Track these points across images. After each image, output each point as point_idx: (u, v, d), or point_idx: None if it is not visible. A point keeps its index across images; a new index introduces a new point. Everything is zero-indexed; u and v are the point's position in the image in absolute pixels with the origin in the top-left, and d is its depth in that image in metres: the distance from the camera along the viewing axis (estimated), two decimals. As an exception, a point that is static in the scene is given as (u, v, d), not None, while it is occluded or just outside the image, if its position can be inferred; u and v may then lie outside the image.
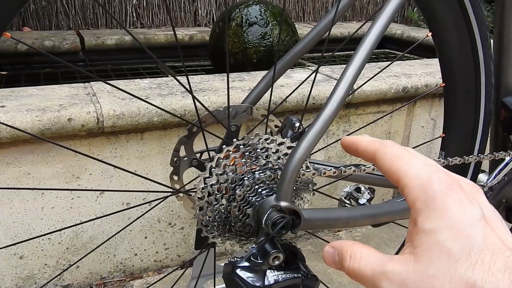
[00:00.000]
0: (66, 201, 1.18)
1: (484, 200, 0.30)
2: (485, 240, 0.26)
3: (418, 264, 0.27)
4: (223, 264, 0.55)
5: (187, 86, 0.72)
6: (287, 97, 1.26)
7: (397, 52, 2.81)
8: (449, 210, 0.27)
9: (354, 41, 0.89)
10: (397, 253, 0.29)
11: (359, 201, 0.74)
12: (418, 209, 0.29)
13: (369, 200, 0.75)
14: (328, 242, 0.35)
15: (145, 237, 1.32)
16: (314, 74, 0.71)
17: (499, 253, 0.26)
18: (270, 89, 0.68)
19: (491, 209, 0.29)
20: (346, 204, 0.75)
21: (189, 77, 1.45)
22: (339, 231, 1.63)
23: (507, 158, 0.79)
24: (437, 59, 0.80)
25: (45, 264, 1.22)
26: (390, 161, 0.32)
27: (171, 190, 0.66)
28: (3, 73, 2.04)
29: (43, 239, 1.19)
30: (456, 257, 0.26)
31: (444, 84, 0.79)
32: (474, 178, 0.84)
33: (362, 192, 0.75)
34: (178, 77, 1.57)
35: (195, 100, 0.60)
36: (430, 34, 0.76)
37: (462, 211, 0.27)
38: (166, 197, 0.68)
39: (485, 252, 0.26)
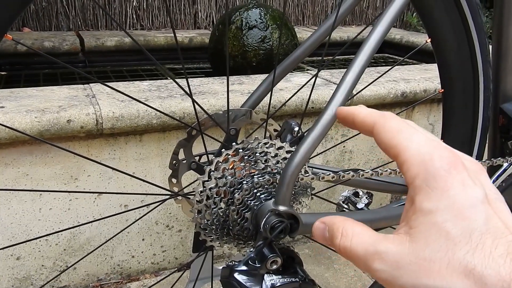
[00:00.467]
0: (64, 203, 1.18)
1: (487, 180, 0.28)
2: (487, 223, 0.25)
3: (413, 245, 0.26)
4: (220, 268, 0.55)
5: (187, 89, 0.72)
6: (287, 101, 1.26)
7: (396, 57, 2.82)
8: (451, 190, 0.26)
9: (354, 46, 0.90)
10: None
11: (357, 205, 0.74)
12: (417, 187, 0.27)
13: (367, 205, 0.75)
14: (326, 246, 0.34)
15: (143, 239, 1.32)
16: (313, 78, 0.71)
17: (501, 237, 0.24)
18: (270, 93, 0.68)
19: (494, 190, 0.27)
20: (344, 209, 0.75)
21: (189, 79, 1.45)
22: (336, 235, 1.62)
23: (505, 165, 0.79)
24: (436, 65, 0.80)
25: (42, 266, 1.22)
26: (390, 134, 0.30)
27: (169, 193, 0.66)
28: (2, 73, 2.04)
29: (40, 241, 1.19)
30: (455, 240, 0.24)
31: (442, 89, 0.80)
32: (472, 184, 0.84)
33: (360, 196, 0.76)
34: (177, 80, 1.57)
35: (195, 103, 0.61)
36: (429, 40, 0.76)
37: (464, 191, 0.26)
38: (164, 200, 0.68)
39: (486, 236, 0.24)
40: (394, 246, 0.26)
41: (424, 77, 1.61)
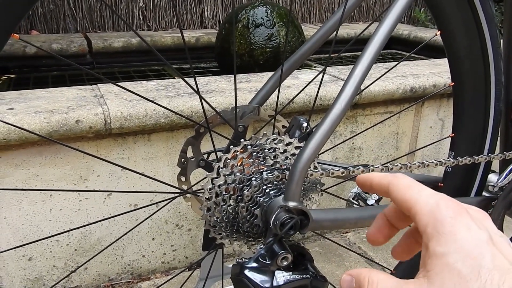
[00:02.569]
0: (74, 203, 1.19)
1: (491, 225, 0.31)
2: (493, 261, 0.28)
3: (431, 287, 0.28)
4: (231, 265, 0.54)
5: (195, 87, 0.72)
6: (294, 97, 1.26)
7: (404, 53, 2.79)
8: (458, 233, 0.29)
9: (360, 42, 0.89)
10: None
11: (367, 202, 0.74)
12: (429, 234, 0.30)
13: (377, 201, 0.74)
14: (336, 243, 0.35)
15: (153, 239, 1.32)
16: (321, 75, 0.71)
17: (507, 272, 0.27)
18: (278, 89, 0.68)
19: (498, 233, 0.31)
20: (354, 205, 0.75)
21: (196, 78, 1.45)
22: (346, 232, 1.62)
23: (518, 158, 0.78)
24: (445, 59, 0.79)
25: (54, 266, 1.23)
26: (402, 191, 0.34)
27: (178, 191, 0.66)
28: (11, 76, 2.06)
29: (51, 241, 1.20)
30: (466, 277, 0.27)
31: (453, 83, 0.79)
32: (484, 178, 0.83)
33: (370, 193, 0.75)
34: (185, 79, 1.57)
35: (203, 101, 0.60)
36: (439, 33, 0.75)
37: (470, 234, 0.29)
38: (173, 198, 0.68)
39: (493, 272, 0.27)
40: None
41: (433, 72, 1.60)
